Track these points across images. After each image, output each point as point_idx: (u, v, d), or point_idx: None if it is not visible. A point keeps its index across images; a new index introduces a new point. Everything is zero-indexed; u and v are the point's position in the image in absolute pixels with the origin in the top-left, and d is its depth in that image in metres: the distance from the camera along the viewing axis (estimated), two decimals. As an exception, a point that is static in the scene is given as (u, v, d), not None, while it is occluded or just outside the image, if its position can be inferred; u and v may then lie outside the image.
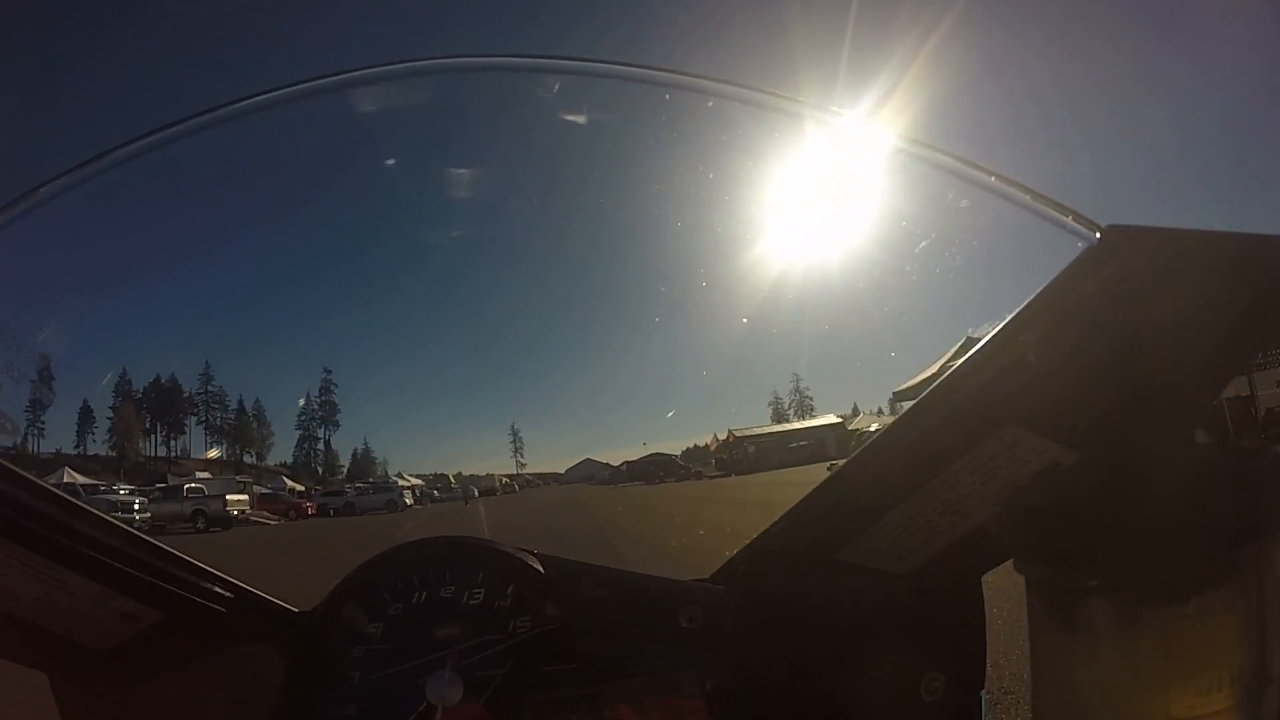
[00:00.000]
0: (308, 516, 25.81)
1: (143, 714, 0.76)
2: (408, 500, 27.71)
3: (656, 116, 0.80)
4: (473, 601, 0.80)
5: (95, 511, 0.69)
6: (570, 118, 0.84)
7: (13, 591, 0.66)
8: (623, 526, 11.05)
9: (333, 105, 0.72)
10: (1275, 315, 0.54)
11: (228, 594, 0.78)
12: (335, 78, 0.70)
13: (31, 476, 0.65)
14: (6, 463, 0.61)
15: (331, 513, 26.40)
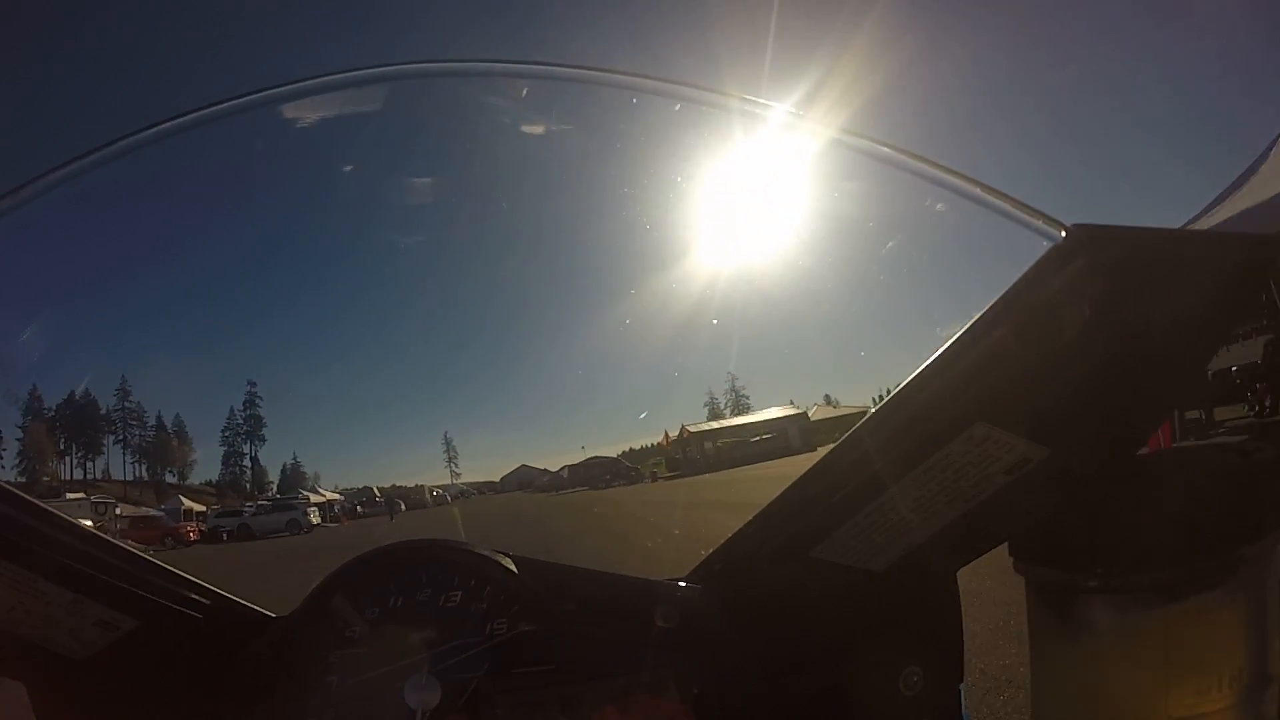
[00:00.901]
0: (189, 543, 22.90)
1: None
2: (313, 519, 24.39)
3: (609, 118, 0.79)
4: (449, 604, 0.80)
5: (68, 519, 0.68)
6: (509, 119, 0.83)
7: None
8: (594, 548, 9.23)
9: (282, 114, 0.70)
10: (1239, 309, 0.56)
11: (204, 600, 0.78)
12: (285, 88, 0.69)
13: (2, 483, 0.63)
14: None
15: (225, 537, 23.07)
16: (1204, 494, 0.53)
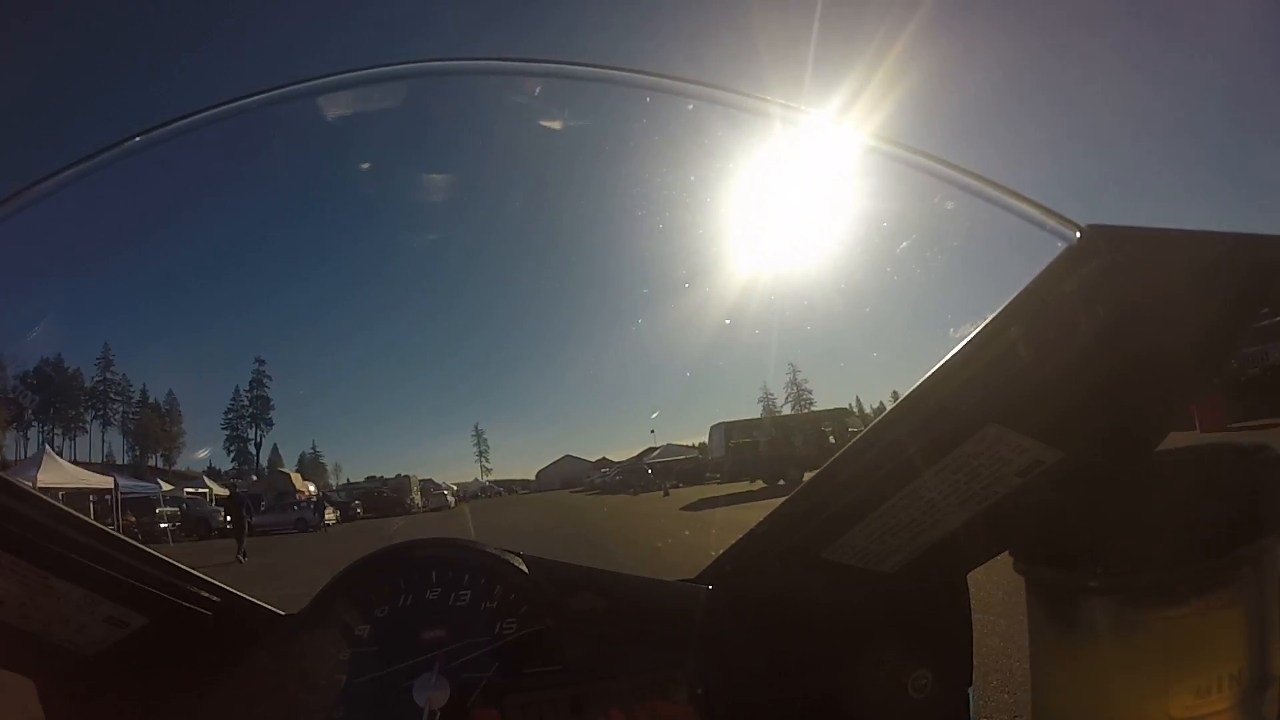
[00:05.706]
0: None
1: (129, 718, 0.76)
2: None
3: (634, 119, 0.79)
4: (459, 603, 0.80)
5: (79, 516, 0.68)
6: (546, 121, 0.83)
7: None
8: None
9: (306, 109, 0.71)
10: (1253, 313, 0.55)
11: (213, 597, 0.79)
12: (310, 83, 0.69)
13: (14, 480, 0.64)
14: None
15: None
16: (1204, 494, 0.53)
